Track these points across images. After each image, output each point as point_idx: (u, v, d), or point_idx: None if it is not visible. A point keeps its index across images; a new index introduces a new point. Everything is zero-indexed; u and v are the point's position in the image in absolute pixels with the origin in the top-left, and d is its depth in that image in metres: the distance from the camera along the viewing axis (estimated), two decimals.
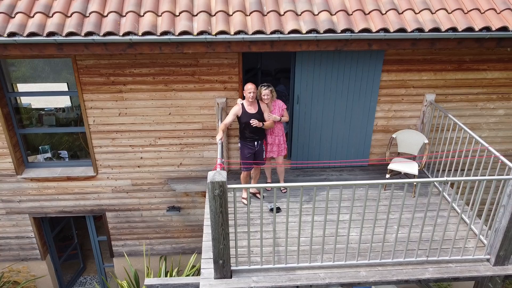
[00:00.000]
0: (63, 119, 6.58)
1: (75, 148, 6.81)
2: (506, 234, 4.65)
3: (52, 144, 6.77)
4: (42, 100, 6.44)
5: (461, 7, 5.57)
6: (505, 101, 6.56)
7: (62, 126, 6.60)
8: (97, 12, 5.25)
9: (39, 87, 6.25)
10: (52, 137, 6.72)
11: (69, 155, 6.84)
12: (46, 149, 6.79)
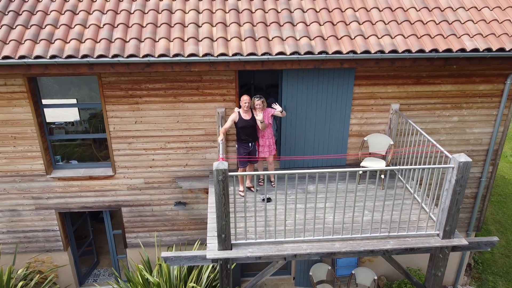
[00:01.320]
0: (72, 132, 7.71)
1: (85, 158, 7.97)
2: (450, 213, 5.85)
3: (64, 154, 7.89)
4: (52, 115, 7.57)
5: (415, 33, 6.90)
6: (458, 110, 7.85)
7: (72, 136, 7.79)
8: (121, 39, 6.50)
9: (53, 101, 7.46)
10: (66, 147, 7.87)
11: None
12: (57, 159, 7.91)
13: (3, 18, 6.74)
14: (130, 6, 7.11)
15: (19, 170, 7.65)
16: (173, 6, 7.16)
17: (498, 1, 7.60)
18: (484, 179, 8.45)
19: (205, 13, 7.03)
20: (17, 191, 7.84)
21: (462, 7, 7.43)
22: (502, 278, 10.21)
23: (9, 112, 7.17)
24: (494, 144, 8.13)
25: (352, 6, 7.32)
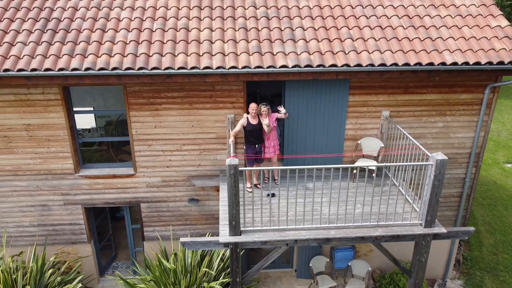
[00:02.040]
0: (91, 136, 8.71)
1: (103, 161, 8.93)
2: (430, 204, 6.74)
3: (85, 157, 8.85)
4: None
5: (402, 49, 7.86)
6: (442, 116, 8.77)
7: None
8: (145, 53, 7.50)
9: (82, 108, 8.46)
10: (85, 152, 8.84)
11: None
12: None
13: (42, 36, 7.77)
14: (152, 25, 8.13)
15: (51, 169, 8.62)
16: (189, 25, 8.18)
17: (477, 20, 8.56)
18: (468, 179, 9.32)
19: (217, 31, 8.03)
20: (48, 188, 8.80)
21: (445, 26, 8.40)
22: (489, 273, 11.01)
23: (45, 117, 8.16)
24: (476, 147, 9.02)
25: (347, 24, 8.30)
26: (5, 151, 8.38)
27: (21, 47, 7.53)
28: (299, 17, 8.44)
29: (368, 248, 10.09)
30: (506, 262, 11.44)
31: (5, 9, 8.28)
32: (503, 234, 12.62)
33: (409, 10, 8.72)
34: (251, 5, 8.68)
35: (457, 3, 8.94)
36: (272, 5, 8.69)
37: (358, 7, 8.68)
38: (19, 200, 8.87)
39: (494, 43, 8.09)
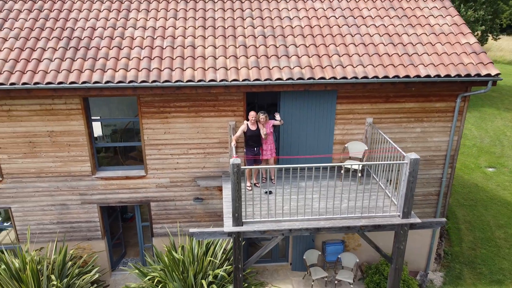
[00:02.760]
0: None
1: (112, 165, 9.95)
2: (406, 197, 7.78)
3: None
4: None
5: (382, 63, 8.98)
6: (420, 123, 9.86)
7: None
8: (157, 68, 8.56)
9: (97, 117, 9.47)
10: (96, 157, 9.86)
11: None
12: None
13: (66, 53, 8.81)
14: (162, 43, 9.20)
15: (71, 171, 9.59)
16: (195, 43, 9.26)
17: (448, 38, 9.72)
18: (445, 179, 10.40)
19: (220, 48, 9.12)
20: (67, 189, 9.76)
21: (420, 43, 9.54)
22: (467, 266, 12.03)
23: (67, 124, 9.16)
24: (450, 150, 10.11)
25: (334, 42, 9.42)
26: (30, 155, 9.36)
27: (48, 63, 8.56)
28: (292, 35, 9.56)
29: (356, 242, 11.10)
30: (483, 257, 12.48)
31: (31, 29, 9.33)
32: (482, 232, 13.68)
33: (389, 29, 9.87)
34: (250, 24, 9.79)
35: (432, 23, 10.10)
36: (268, 25, 9.81)
37: (344, 26, 9.82)
38: (41, 200, 9.82)
39: (463, 58, 9.23)
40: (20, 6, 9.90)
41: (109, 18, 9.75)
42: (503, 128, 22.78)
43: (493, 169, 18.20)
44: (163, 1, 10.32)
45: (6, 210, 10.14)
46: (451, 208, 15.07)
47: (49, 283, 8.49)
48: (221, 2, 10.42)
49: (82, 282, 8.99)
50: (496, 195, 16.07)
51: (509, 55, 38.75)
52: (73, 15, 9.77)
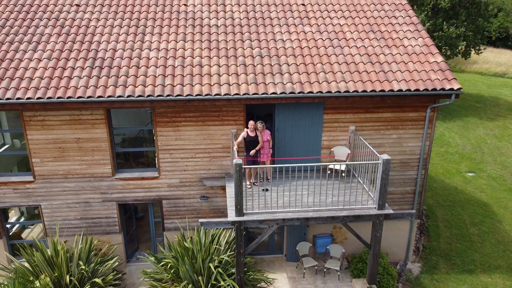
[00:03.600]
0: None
1: (124, 167, 11.45)
2: (381, 192, 9.28)
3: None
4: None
5: (361, 79, 10.56)
6: (395, 130, 11.41)
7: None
8: (171, 84, 10.11)
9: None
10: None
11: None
12: None
13: (92, 71, 10.35)
14: (174, 62, 10.76)
15: (94, 173, 11.06)
16: (202, 62, 10.82)
17: (419, 57, 11.32)
18: (419, 179, 11.92)
19: (223, 67, 10.69)
20: (90, 188, 11.22)
21: (395, 61, 11.14)
22: (443, 258, 13.49)
23: (92, 132, 10.66)
24: (423, 154, 11.65)
25: (321, 61, 11.01)
26: (59, 158, 10.83)
27: (78, 80, 10.10)
28: (285, 55, 11.15)
29: (343, 236, 12.56)
30: (458, 250, 13.96)
31: (61, 51, 10.88)
32: (458, 229, 15.17)
33: (368, 49, 11.49)
34: (248, 46, 11.38)
35: (406, 44, 11.73)
36: (264, 46, 11.41)
37: (329, 47, 11.43)
38: (67, 198, 11.26)
39: (431, 74, 10.83)
40: (50, 30, 11.46)
41: (127, 41, 11.32)
42: (484, 136, 24.40)
43: (472, 174, 19.75)
44: (173, 26, 11.91)
45: (36, 207, 11.57)
46: (431, 208, 16.57)
47: (78, 267, 9.89)
48: (224, 26, 12.03)
49: (104, 269, 10.40)
50: (474, 197, 17.59)
51: (494, 67, 40.58)
52: (96, 38, 11.34)
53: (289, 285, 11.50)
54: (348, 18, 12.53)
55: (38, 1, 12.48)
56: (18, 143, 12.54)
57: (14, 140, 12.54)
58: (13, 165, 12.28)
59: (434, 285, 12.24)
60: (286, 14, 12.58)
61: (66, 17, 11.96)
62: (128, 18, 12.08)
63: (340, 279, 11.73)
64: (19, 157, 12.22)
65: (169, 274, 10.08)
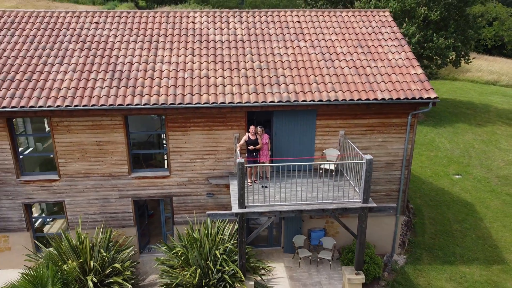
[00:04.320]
0: None
1: (136, 167, 12.84)
2: (365, 188, 10.64)
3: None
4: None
5: (350, 89, 11.97)
6: (381, 134, 12.79)
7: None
8: (182, 94, 11.53)
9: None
10: None
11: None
12: None
13: (112, 82, 11.78)
14: (184, 74, 12.19)
15: (112, 172, 12.44)
16: (209, 74, 12.25)
17: (401, 69, 12.74)
18: (403, 178, 13.29)
19: (227, 78, 12.12)
20: (109, 186, 12.59)
21: (379, 73, 12.57)
22: (427, 251, 14.82)
23: (111, 136, 12.06)
24: (406, 155, 13.03)
25: (314, 73, 12.44)
26: (82, 159, 12.22)
27: (100, 90, 11.52)
28: (282, 68, 12.58)
29: (335, 230, 13.90)
30: (441, 244, 15.28)
31: (84, 64, 12.32)
32: (442, 225, 16.51)
33: (356, 62, 12.92)
34: (250, 59, 12.82)
35: (390, 57, 13.16)
36: (264, 60, 12.85)
37: (322, 61, 12.87)
38: (88, 195, 12.64)
39: (411, 85, 12.24)
40: (74, 46, 12.92)
41: (142, 55, 12.77)
42: (472, 142, 25.78)
43: (459, 176, 21.11)
44: (183, 42, 13.38)
45: (60, 203, 12.95)
46: (419, 207, 17.91)
47: (99, 254, 11.25)
48: (227, 42, 13.49)
49: (122, 257, 11.75)
50: (459, 197, 18.94)
51: (486, 76, 42.06)
52: (114, 52, 12.79)
53: (286, 273, 12.84)
54: (339, 34, 13.99)
55: (62, 19, 13.97)
56: (40, 146, 13.94)
57: (37, 143, 13.94)
58: (36, 166, 13.64)
59: (416, 274, 13.56)
60: (283, 30, 14.05)
61: (87, 34, 13.44)
62: (142, 34, 13.55)
63: (332, 267, 13.06)
64: (41, 158, 13.59)
65: (180, 261, 11.43)
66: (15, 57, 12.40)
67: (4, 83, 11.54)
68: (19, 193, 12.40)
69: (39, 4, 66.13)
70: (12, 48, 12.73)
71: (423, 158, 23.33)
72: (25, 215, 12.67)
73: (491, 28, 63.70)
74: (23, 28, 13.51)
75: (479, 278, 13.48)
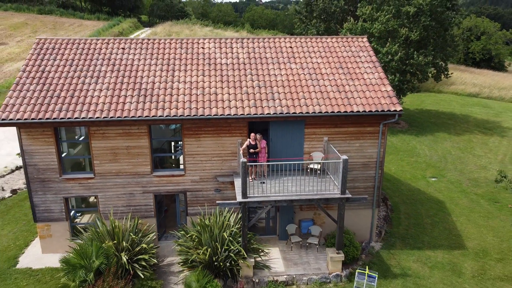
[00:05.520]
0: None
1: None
2: (342, 182, 13.39)
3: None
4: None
5: (331, 103, 14.81)
6: (358, 140, 15.58)
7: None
8: (195, 107, 14.34)
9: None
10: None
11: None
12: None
13: (139, 98, 14.59)
14: (196, 91, 15.01)
15: (137, 171, 15.17)
16: (217, 91, 15.07)
17: (374, 87, 15.59)
18: (377, 176, 16.04)
19: (232, 95, 14.94)
20: (134, 183, 15.31)
21: (356, 90, 15.41)
22: (400, 240, 17.50)
23: (138, 142, 14.82)
24: (379, 158, 15.80)
25: (302, 90, 15.28)
26: (113, 161, 14.96)
27: (129, 105, 14.32)
28: (276, 86, 15.43)
29: (321, 220, 16.60)
30: (412, 234, 17.97)
31: (115, 83, 15.14)
32: (415, 219, 19.21)
33: (338, 81, 15.79)
34: (250, 79, 15.67)
35: (365, 77, 16.03)
36: (262, 79, 15.70)
37: (309, 80, 15.72)
38: (117, 191, 15.35)
39: (381, 100, 15.07)
40: (106, 68, 15.76)
41: (162, 75, 15.61)
42: (450, 149, 28.62)
43: (435, 179, 23.89)
44: (195, 64, 16.23)
45: (95, 196, 15.64)
46: (396, 204, 20.63)
47: (130, 237, 13.93)
48: (231, 64, 16.35)
49: (146, 240, 14.42)
50: (432, 196, 21.70)
51: (469, 88, 45.10)
52: (139, 73, 15.63)
53: (280, 255, 15.51)
54: (324, 58, 16.89)
55: (94, 45, 16.83)
56: (72, 151, 16.65)
57: (69, 149, 16.65)
58: (69, 167, 16.31)
59: (389, 257, 16.24)
60: (277, 55, 16.95)
61: (116, 58, 16.29)
62: (161, 58, 16.41)
63: (318, 251, 15.73)
64: (72, 161, 16.20)
65: (194, 242, 14.12)
66: (58, 78, 15.22)
67: (52, 99, 14.34)
68: (60, 188, 15.11)
69: (47, 19, 69.50)
70: (55, 70, 15.55)
71: (404, 163, 26.13)
72: (64, 207, 15.36)
73: (479, 42, 67.03)
74: (63, 53, 16.35)
75: (441, 260, 16.16)
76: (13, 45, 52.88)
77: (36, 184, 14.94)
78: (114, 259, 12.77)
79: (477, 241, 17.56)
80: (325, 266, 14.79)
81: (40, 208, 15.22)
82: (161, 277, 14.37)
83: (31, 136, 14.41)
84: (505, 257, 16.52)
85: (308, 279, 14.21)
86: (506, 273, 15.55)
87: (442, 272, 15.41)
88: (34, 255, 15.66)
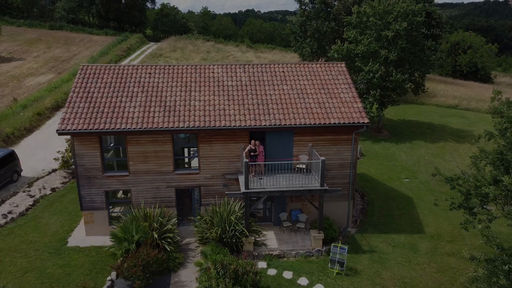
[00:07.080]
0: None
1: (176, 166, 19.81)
2: (321, 176, 17.58)
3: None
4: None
5: (314, 117, 19.07)
6: (336, 146, 19.78)
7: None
8: (208, 120, 18.60)
9: None
10: None
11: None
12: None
13: (164, 114, 18.84)
14: (209, 108, 19.27)
15: (163, 170, 19.35)
16: (225, 108, 19.33)
17: (348, 104, 19.85)
18: (351, 175, 20.22)
19: (237, 110, 19.19)
20: (160, 179, 19.48)
21: (334, 107, 19.69)
22: (372, 227, 21.61)
23: (163, 147, 19.01)
24: (352, 159, 20.01)
25: (291, 107, 19.51)
26: (144, 161, 19.15)
27: (158, 118, 18.57)
28: (271, 103, 19.70)
29: (308, 210, 20.72)
30: (383, 222, 22.09)
31: (146, 101, 19.41)
32: (387, 211, 23.35)
33: (319, 99, 20.10)
34: (251, 98, 19.95)
35: (342, 96, 20.31)
36: (260, 98, 19.98)
37: (297, 99, 19.99)
38: (146, 185, 19.51)
39: (353, 114, 19.34)
40: (137, 89, 20.04)
41: (181, 95, 19.88)
42: (424, 154, 32.83)
43: (407, 180, 28.07)
44: (207, 86, 20.52)
45: (129, 190, 19.82)
46: (372, 200, 24.77)
47: (159, 220, 18.07)
48: (236, 85, 20.64)
49: (170, 223, 18.55)
50: (403, 193, 25.86)
51: (449, 100, 49.41)
52: (164, 93, 19.90)
53: (274, 236, 19.65)
54: (309, 80, 21.19)
55: (126, 70, 21.13)
56: (106, 155, 20.82)
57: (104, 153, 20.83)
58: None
59: (361, 239, 20.36)
60: (272, 78, 21.25)
61: (145, 81, 20.57)
62: (180, 81, 20.70)
63: (305, 233, 19.85)
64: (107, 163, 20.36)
65: (207, 224, 18.27)
66: (101, 97, 19.48)
67: (98, 114, 18.58)
68: (102, 184, 19.29)
69: (58, 35, 74.09)
70: (98, 91, 19.82)
71: (383, 167, 30.31)
72: (105, 199, 19.52)
73: (466, 56, 71.54)
74: (102, 77, 20.63)
75: (403, 241, 20.29)
76: (31, 60, 57.24)
77: (84, 180, 19.12)
78: (149, 235, 16.92)
79: (434, 228, 21.70)
80: (309, 244, 18.94)
81: (86, 199, 19.38)
82: (182, 252, 18.50)
83: (81, 143, 18.63)
84: (454, 239, 20.67)
85: (296, 253, 18.36)
86: (453, 251, 19.68)
87: (402, 250, 19.54)
88: (80, 237, 19.75)
